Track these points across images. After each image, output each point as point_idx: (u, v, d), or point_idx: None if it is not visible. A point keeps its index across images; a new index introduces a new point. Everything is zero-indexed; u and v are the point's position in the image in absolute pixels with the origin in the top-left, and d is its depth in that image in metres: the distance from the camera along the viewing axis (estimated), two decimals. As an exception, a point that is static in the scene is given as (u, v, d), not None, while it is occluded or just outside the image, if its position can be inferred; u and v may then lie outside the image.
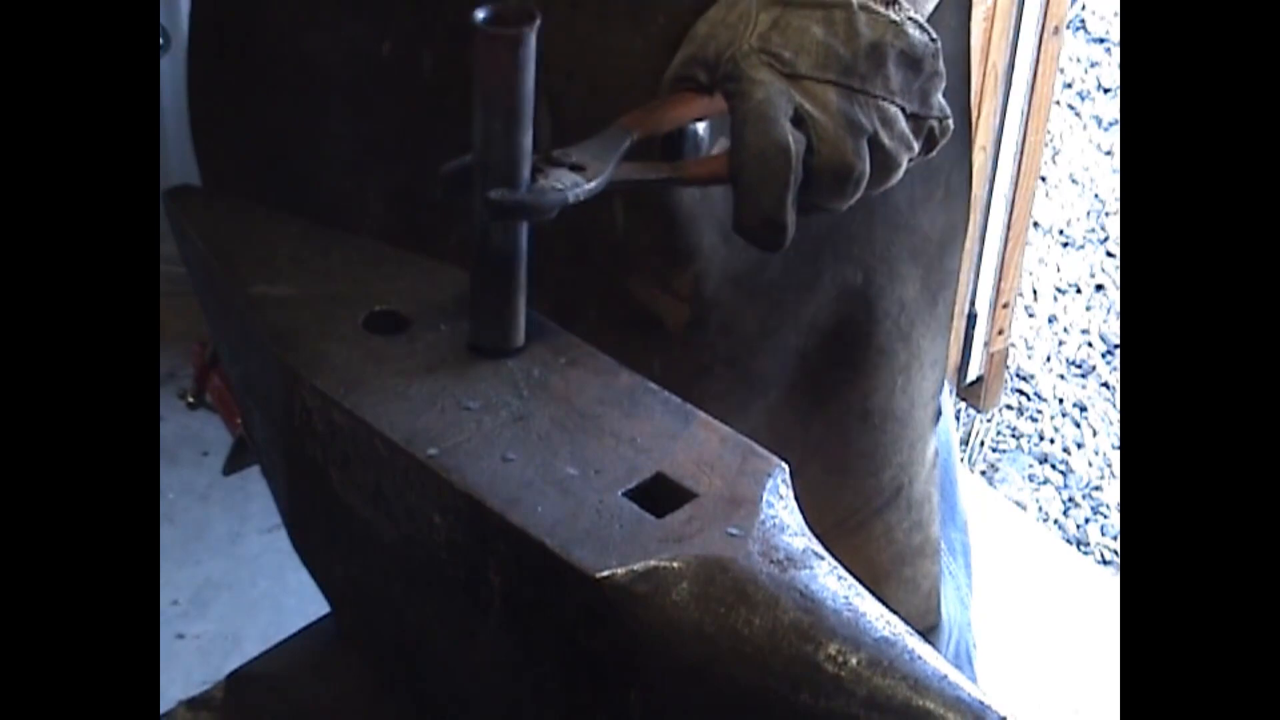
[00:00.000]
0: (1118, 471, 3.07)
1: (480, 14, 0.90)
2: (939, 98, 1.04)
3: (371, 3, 1.16)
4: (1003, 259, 2.91)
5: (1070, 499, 3.04)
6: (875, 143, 1.01)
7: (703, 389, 1.05)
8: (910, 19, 1.02)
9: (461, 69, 0.94)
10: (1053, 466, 3.10)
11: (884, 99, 1.01)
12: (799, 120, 0.99)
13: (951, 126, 1.06)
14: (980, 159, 2.75)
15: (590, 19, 1.08)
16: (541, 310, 1.00)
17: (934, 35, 1.03)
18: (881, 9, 1.01)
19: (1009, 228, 2.89)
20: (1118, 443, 3.12)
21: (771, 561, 0.84)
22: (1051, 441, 3.14)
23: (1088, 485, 3.06)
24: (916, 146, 1.04)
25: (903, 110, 1.02)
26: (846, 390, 1.29)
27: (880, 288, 1.26)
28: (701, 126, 1.09)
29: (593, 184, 0.97)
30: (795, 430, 1.25)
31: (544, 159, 0.97)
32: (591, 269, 1.15)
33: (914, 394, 1.33)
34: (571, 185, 0.96)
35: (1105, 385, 3.22)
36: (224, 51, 1.28)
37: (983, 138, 2.73)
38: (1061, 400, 3.21)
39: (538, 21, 0.90)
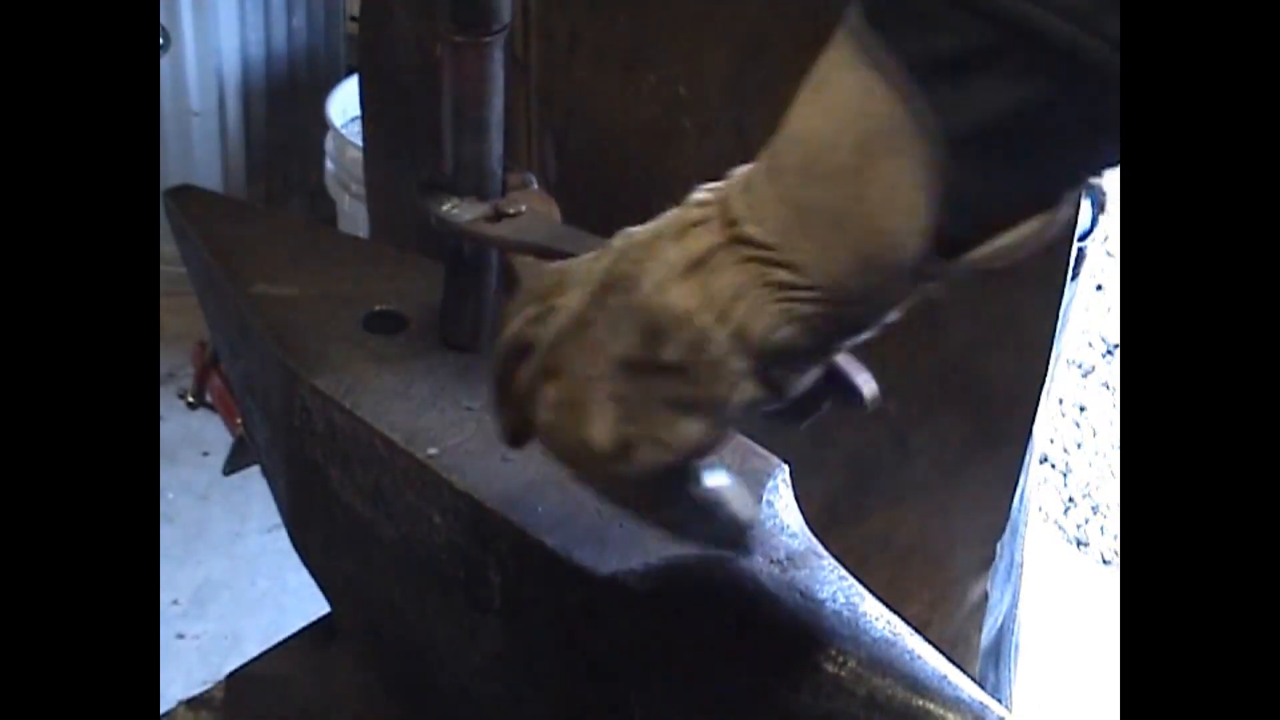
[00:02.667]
0: (1118, 471, 3.07)
1: (448, 21, 0.89)
2: (671, 415, 0.70)
3: (430, 3, 1.16)
4: (1003, 259, 2.91)
5: (1070, 499, 3.04)
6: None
7: None
8: (711, 270, 0.68)
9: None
10: (1053, 466, 3.09)
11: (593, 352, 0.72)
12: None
13: (663, 468, 0.72)
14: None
15: (586, 65, 1.06)
16: None
17: (713, 323, 0.68)
18: (713, 238, 0.69)
19: (1009, 228, 2.89)
20: (1118, 443, 3.12)
21: (771, 561, 0.84)
22: (1051, 441, 3.14)
23: (1088, 485, 3.06)
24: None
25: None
26: (867, 516, 1.18)
27: (914, 420, 1.14)
28: None
29: (466, 225, 0.93)
30: None
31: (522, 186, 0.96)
32: None
33: (954, 535, 1.22)
34: (453, 213, 0.93)
35: (1105, 385, 3.22)
36: (377, 42, 1.29)
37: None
38: (1061, 400, 3.21)
39: (505, 30, 0.90)
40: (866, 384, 0.76)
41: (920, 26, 0.63)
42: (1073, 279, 1.15)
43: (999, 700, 1.40)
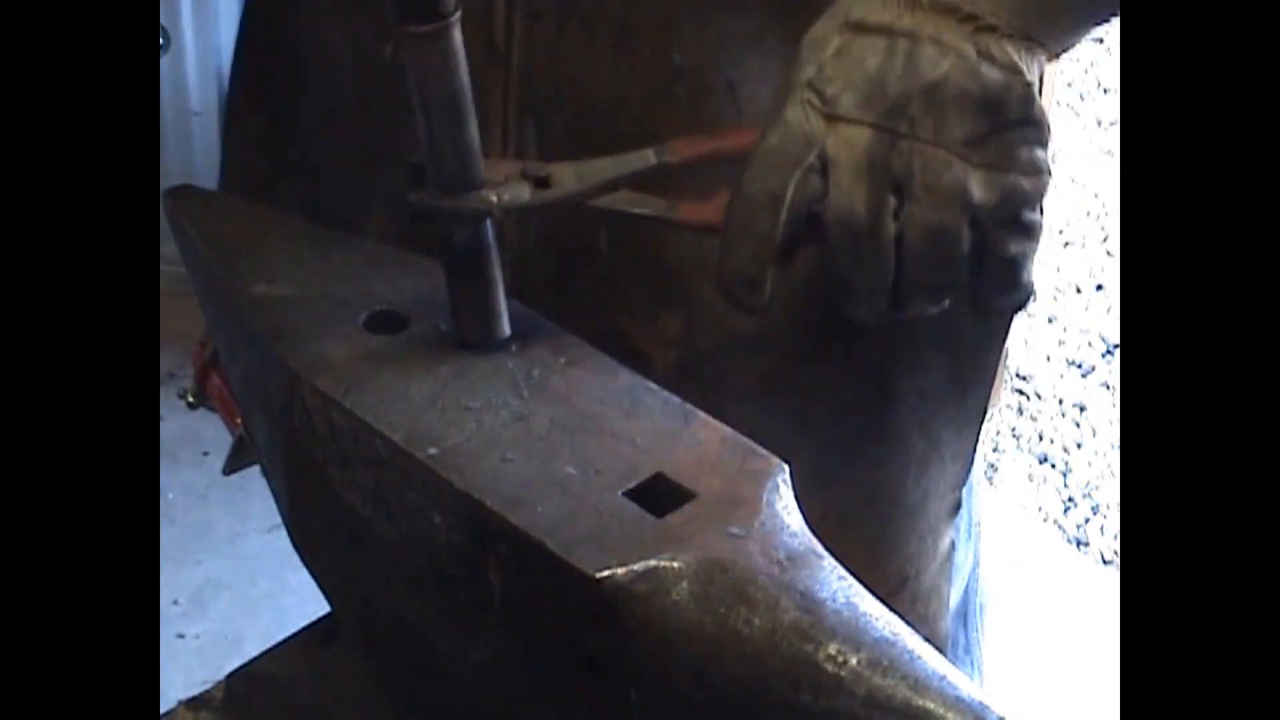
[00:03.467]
0: (1118, 471, 3.07)
1: (397, 11, 0.87)
2: (1031, 150, 0.87)
3: (368, 7, 1.15)
4: (1003, 259, 2.91)
5: (1070, 499, 3.04)
6: (911, 195, 0.87)
7: None
8: (998, 47, 0.86)
9: None
10: (1053, 466, 3.10)
11: (937, 146, 0.86)
12: (824, 168, 0.89)
13: (1047, 185, 0.89)
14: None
15: (576, 43, 1.05)
16: None
17: (1029, 76, 0.86)
18: (959, 41, 0.86)
19: (1009, 227, 2.89)
20: (1118, 443, 3.12)
21: (771, 561, 0.84)
22: (1051, 441, 3.14)
23: (1088, 485, 3.06)
24: (991, 202, 0.87)
25: (968, 163, 0.86)
26: (851, 473, 1.19)
27: (897, 372, 1.16)
28: None
29: (533, 200, 0.94)
30: None
31: (512, 168, 0.96)
32: (578, 297, 1.12)
33: (929, 486, 1.24)
34: (509, 199, 0.94)
35: (1105, 385, 3.22)
36: (269, 44, 1.27)
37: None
38: (1061, 400, 3.21)
39: (458, 13, 0.88)
40: None
41: None
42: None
43: (970, 660, 1.41)
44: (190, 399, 3.19)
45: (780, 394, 1.12)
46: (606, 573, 0.82)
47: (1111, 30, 0.92)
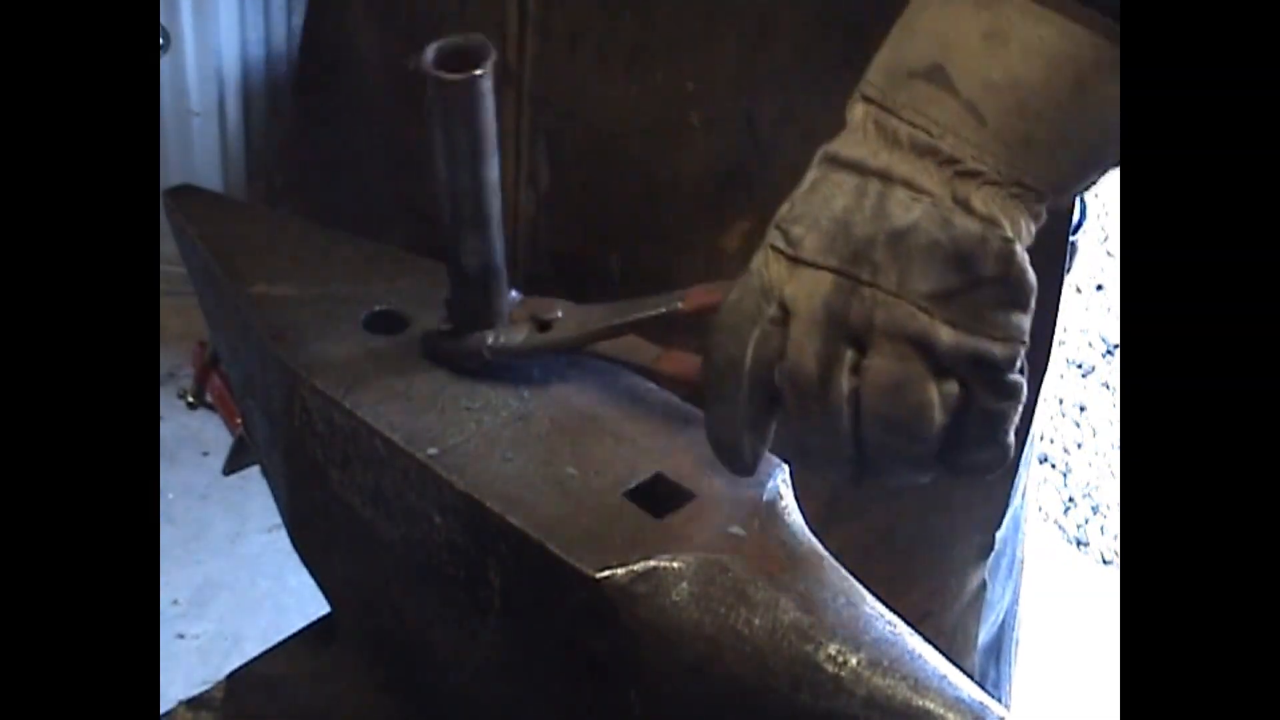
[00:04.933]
0: (1118, 471, 3.07)
1: (429, 54, 0.86)
2: (1006, 315, 0.79)
3: (398, 17, 1.15)
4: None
5: (1070, 499, 3.04)
6: (869, 347, 0.80)
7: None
8: (967, 204, 0.78)
9: None
10: (1053, 466, 3.10)
11: (900, 298, 0.79)
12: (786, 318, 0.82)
13: (1021, 355, 0.80)
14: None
15: (588, 62, 1.04)
16: None
17: (1008, 233, 0.78)
18: (935, 186, 0.78)
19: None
20: (1118, 443, 3.12)
21: (771, 561, 0.84)
22: (1052, 441, 3.14)
23: (1088, 485, 3.06)
24: (958, 360, 0.79)
25: (932, 317, 0.79)
26: (868, 509, 1.15)
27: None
28: None
29: (528, 347, 0.96)
30: None
31: (524, 310, 0.97)
32: None
33: (956, 525, 1.21)
34: (502, 344, 0.96)
35: (1105, 385, 3.22)
36: (316, 54, 1.28)
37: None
38: (1061, 400, 3.21)
39: (493, 58, 0.87)
40: None
41: None
42: (1066, 272, 1.15)
43: (998, 697, 1.39)
44: (190, 399, 3.19)
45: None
46: (606, 573, 0.82)
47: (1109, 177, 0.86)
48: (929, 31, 0.80)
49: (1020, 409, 0.82)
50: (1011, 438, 0.82)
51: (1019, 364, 0.80)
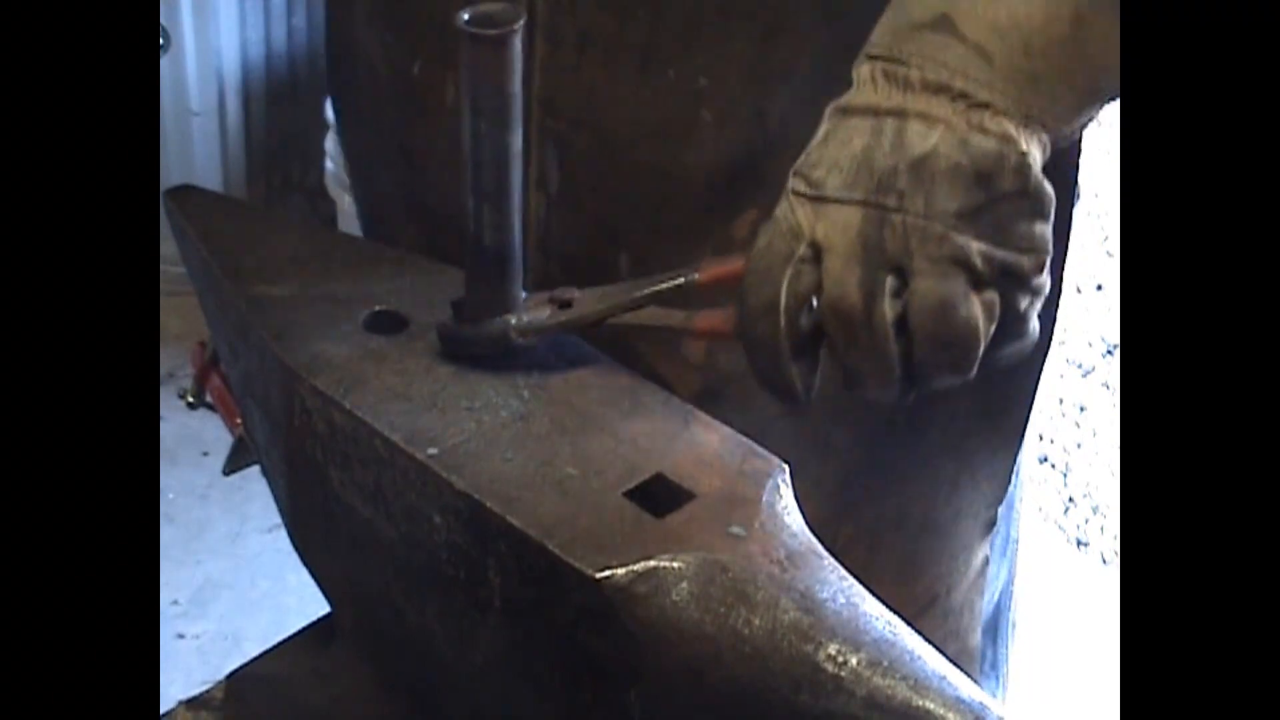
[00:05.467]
0: (1118, 471, 3.07)
1: (464, 15, 0.89)
2: (1029, 224, 0.84)
3: (403, 21, 1.15)
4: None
5: (1070, 499, 3.04)
6: (911, 272, 0.84)
7: None
8: (991, 124, 0.83)
9: None
10: (1053, 466, 3.09)
11: (930, 219, 0.83)
12: (818, 255, 0.86)
13: (1045, 263, 0.86)
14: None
15: (597, 66, 1.04)
16: None
17: (1022, 146, 0.83)
18: (947, 112, 0.83)
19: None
20: (1118, 443, 3.12)
21: (771, 561, 0.84)
22: (1052, 441, 3.14)
23: (1088, 485, 3.06)
24: (988, 276, 0.84)
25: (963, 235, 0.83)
26: (880, 494, 1.17)
27: (921, 397, 1.09)
28: None
29: (551, 320, 0.96)
30: (820, 528, 1.05)
31: (542, 296, 0.98)
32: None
33: (961, 506, 1.22)
34: (527, 324, 0.96)
35: (1105, 385, 3.22)
36: (338, 55, 1.29)
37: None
38: (1061, 400, 3.21)
39: (522, 20, 0.89)
40: None
41: None
42: (1076, 200, 1.18)
43: (995, 677, 1.40)
44: (190, 399, 3.19)
45: (807, 417, 1.09)
46: (606, 573, 0.82)
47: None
48: None
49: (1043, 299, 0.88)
50: (1036, 327, 0.89)
51: (1045, 269, 0.86)
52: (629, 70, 1.04)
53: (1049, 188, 0.84)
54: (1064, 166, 1.01)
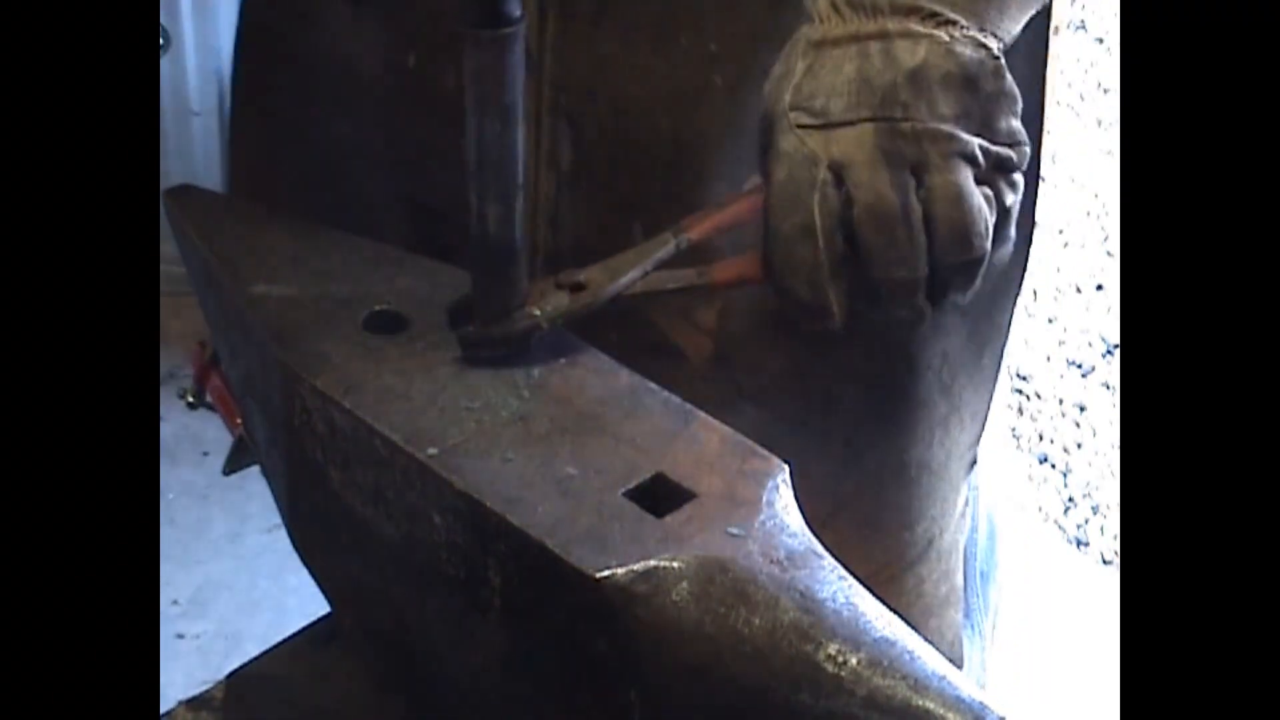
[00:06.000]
0: (1118, 471, 3.07)
1: (464, 14, 0.89)
2: (1009, 121, 0.94)
3: (399, 14, 1.15)
4: (1003, 259, 2.91)
5: (1070, 499, 3.04)
6: (927, 169, 0.92)
7: (727, 425, 0.98)
8: (965, 36, 0.93)
9: None
10: (1053, 466, 3.09)
11: (935, 124, 0.91)
12: (838, 176, 0.92)
13: (1028, 151, 0.95)
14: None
15: (612, 39, 1.06)
16: None
17: (996, 52, 0.93)
18: (926, 29, 0.92)
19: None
20: (1118, 443, 3.12)
21: (771, 561, 0.84)
22: (1051, 441, 3.14)
23: (1088, 485, 3.06)
24: (987, 168, 0.93)
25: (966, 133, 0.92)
26: (883, 442, 1.22)
27: (923, 339, 1.18)
28: None
29: (578, 307, 0.97)
30: (827, 481, 1.15)
31: (547, 282, 0.98)
32: None
33: (951, 446, 1.27)
34: (552, 312, 0.97)
35: (1105, 385, 3.22)
36: (272, 54, 1.28)
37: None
38: (1061, 400, 3.21)
39: (524, 21, 0.90)
40: None
41: None
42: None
43: (971, 625, 1.42)
44: (190, 399, 3.19)
45: (815, 374, 1.15)
46: (606, 573, 0.82)
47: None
48: None
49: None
50: (1014, 231, 0.96)
51: (1023, 165, 0.94)
52: (643, 40, 1.06)
53: (1015, 87, 0.94)
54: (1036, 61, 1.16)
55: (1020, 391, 3.23)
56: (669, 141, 1.08)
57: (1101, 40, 3.84)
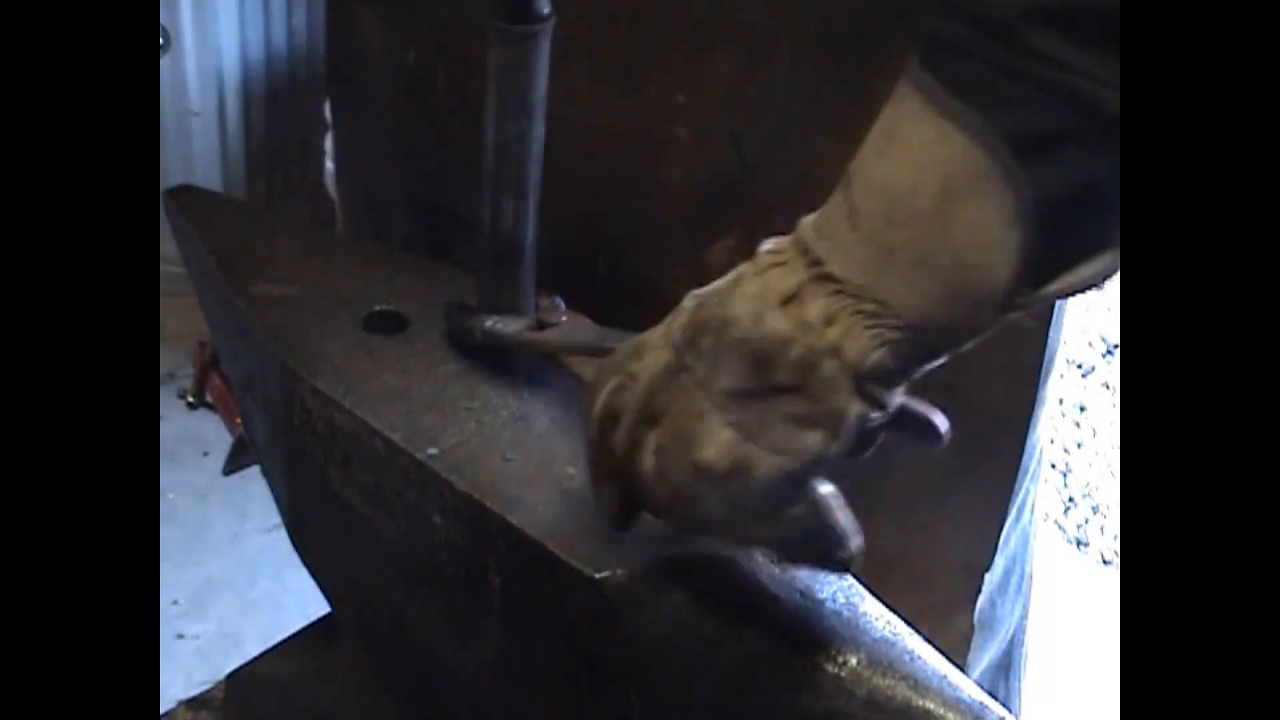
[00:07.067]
0: (1118, 471, 3.07)
1: (494, 7, 0.89)
2: (791, 432, 0.74)
3: (399, 10, 1.16)
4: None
5: (1070, 499, 3.04)
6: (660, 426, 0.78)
7: None
8: (796, 306, 0.73)
9: (471, 88, 0.94)
10: (1053, 466, 3.09)
11: (702, 390, 0.75)
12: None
13: (795, 476, 0.75)
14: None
15: (580, 72, 1.05)
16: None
17: (822, 343, 0.72)
18: (782, 278, 0.73)
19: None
20: (1118, 443, 3.12)
21: (772, 561, 0.84)
22: (1051, 441, 3.14)
23: (1088, 485, 3.06)
24: (717, 470, 0.75)
25: (724, 417, 0.75)
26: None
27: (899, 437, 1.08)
28: None
29: (514, 338, 0.97)
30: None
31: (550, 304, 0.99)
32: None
33: (939, 556, 1.18)
34: (500, 328, 0.97)
35: (1105, 385, 3.22)
36: (332, 26, 1.30)
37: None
38: (1061, 400, 3.21)
39: (553, 20, 0.90)
40: (940, 421, 0.81)
41: (998, 99, 0.69)
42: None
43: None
44: (190, 399, 3.19)
45: None
46: (606, 573, 0.82)
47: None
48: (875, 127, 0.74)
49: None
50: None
51: (774, 489, 0.75)
52: (610, 79, 1.04)
53: (853, 409, 0.72)
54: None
55: (1020, 391, 3.23)
56: (632, 184, 1.07)
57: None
